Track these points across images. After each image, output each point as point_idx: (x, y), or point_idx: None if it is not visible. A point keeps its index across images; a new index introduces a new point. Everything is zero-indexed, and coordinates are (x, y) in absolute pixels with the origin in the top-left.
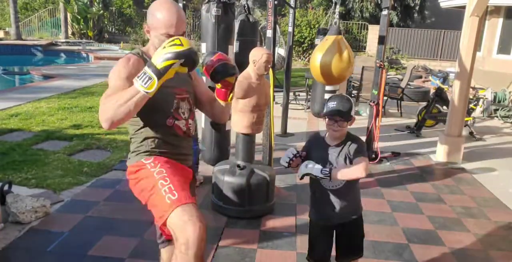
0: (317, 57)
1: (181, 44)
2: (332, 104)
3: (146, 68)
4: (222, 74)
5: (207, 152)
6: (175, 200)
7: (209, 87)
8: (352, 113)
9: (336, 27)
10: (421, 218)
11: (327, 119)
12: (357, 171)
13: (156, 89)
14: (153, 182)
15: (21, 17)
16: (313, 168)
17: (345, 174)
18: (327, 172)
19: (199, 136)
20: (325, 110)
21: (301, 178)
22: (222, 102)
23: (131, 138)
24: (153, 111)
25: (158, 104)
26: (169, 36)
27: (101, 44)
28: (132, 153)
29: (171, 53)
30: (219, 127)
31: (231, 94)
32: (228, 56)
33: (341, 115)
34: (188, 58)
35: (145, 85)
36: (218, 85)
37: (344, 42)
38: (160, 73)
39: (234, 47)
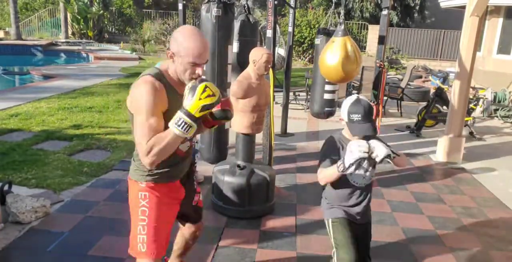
0: (328, 57)
1: (214, 94)
2: (357, 117)
3: (182, 115)
4: (220, 118)
5: (206, 150)
6: (143, 253)
7: None
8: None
9: (342, 28)
10: (421, 218)
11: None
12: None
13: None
14: (135, 218)
15: (21, 17)
16: (379, 146)
17: (404, 159)
18: (394, 153)
19: (197, 136)
20: (347, 120)
21: (349, 166)
22: (203, 127)
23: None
24: None
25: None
26: (195, 65)
27: (101, 44)
28: (135, 162)
29: (208, 104)
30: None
31: (214, 127)
32: (229, 100)
33: (372, 132)
34: (223, 111)
35: (186, 132)
36: (211, 118)
37: (352, 43)
38: (198, 121)
39: (233, 47)
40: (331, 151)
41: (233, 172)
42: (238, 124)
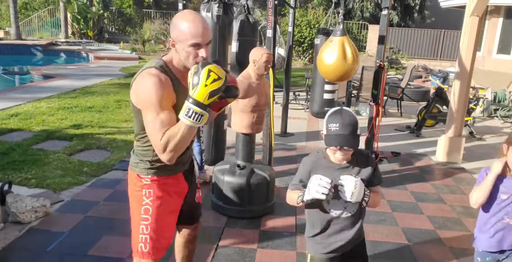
0: (326, 57)
1: (220, 78)
2: (334, 127)
3: (191, 105)
4: (226, 95)
5: (206, 152)
6: (146, 253)
7: None
8: (358, 131)
9: (341, 28)
10: (421, 218)
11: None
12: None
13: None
14: (137, 217)
15: (21, 17)
16: (349, 188)
17: (377, 200)
18: (368, 198)
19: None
20: (325, 132)
21: (307, 203)
22: (212, 112)
23: (137, 138)
24: None
25: None
26: (197, 45)
27: (101, 44)
28: (136, 156)
29: (216, 90)
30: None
31: (222, 109)
32: (233, 77)
33: (349, 144)
34: (227, 88)
35: (198, 122)
36: (217, 100)
37: (350, 43)
38: (208, 108)
39: (232, 47)
40: (301, 173)
41: (233, 171)
42: (238, 124)
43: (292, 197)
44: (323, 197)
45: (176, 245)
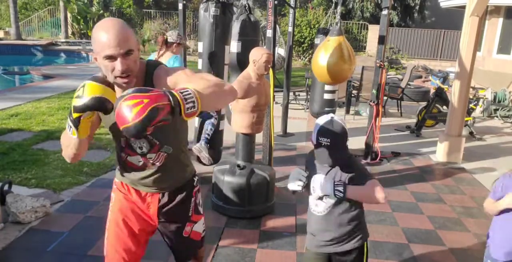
0: (320, 58)
1: (81, 96)
2: (325, 142)
3: (68, 118)
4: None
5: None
6: (105, 258)
7: None
8: (347, 141)
9: (338, 28)
10: (421, 218)
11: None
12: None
13: (82, 135)
14: (107, 221)
15: (21, 17)
16: (320, 183)
17: (366, 193)
18: (342, 191)
19: (192, 135)
20: (315, 142)
21: (294, 193)
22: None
23: None
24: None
25: (112, 135)
26: (111, 57)
27: None
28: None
29: (73, 107)
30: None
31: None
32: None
33: (335, 163)
34: (93, 107)
35: (69, 132)
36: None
37: (346, 43)
38: (75, 123)
39: (231, 47)
40: (309, 163)
41: (233, 171)
42: (238, 124)
43: None
44: (299, 188)
45: None
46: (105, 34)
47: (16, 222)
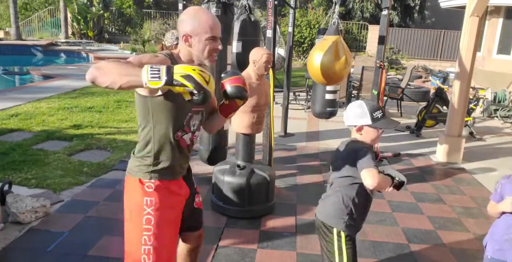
0: (315, 58)
1: (208, 82)
2: (380, 113)
3: (165, 67)
4: (234, 95)
5: (205, 151)
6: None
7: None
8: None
9: (335, 28)
10: (421, 218)
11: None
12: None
13: (155, 89)
14: (138, 227)
15: (21, 17)
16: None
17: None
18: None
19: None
20: (371, 119)
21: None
22: (221, 117)
23: (139, 131)
24: (165, 120)
25: (172, 114)
26: (214, 38)
27: (101, 44)
28: (137, 157)
29: (195, 81)
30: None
31: (233, 114)
32: (243, 79)
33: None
34: (199, 95)
35: (149, 77)
36: (226, 102)
37: (342, 43)
38: (170, 82)
39: (232, 47)
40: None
41: (233, 172)
42: (238, 124)
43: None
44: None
45: (178, 254)
46: (212, 18)
47: (16, 222)
